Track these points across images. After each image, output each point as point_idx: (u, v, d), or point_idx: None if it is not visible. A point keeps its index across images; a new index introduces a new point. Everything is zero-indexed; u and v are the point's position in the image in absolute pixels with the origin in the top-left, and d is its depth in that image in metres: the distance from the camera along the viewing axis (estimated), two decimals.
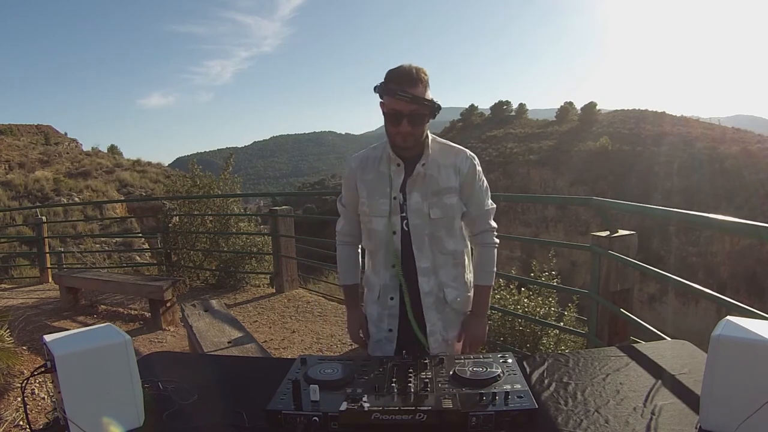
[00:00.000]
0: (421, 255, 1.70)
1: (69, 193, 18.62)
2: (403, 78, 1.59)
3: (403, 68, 1.61)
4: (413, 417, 1.12)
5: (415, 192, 1.69)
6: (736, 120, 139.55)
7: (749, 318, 1.21)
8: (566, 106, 52.30)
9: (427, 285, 1.72)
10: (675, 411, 1.21)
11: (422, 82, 1.60)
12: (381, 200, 1.70)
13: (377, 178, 1.72)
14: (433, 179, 1.69)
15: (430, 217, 1.68)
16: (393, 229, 1.70)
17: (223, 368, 1.61)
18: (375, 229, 1.72)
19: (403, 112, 1.59)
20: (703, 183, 33.35)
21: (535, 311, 4.53)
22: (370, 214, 1.73)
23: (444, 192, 1.70)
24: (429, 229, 1.69)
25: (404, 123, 1.60)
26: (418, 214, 1.69)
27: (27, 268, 9.56)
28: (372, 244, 1.76)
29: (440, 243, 1.71)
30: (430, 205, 1.68)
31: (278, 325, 5.09)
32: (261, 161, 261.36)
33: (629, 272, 2.99)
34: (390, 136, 1.67)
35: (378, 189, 1.71)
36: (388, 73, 1.63)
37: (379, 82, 1.65)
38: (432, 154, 1.70)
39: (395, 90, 1.58)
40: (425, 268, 1.71)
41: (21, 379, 3.39)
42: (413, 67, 1.61)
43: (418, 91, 1.59)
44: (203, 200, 7.72)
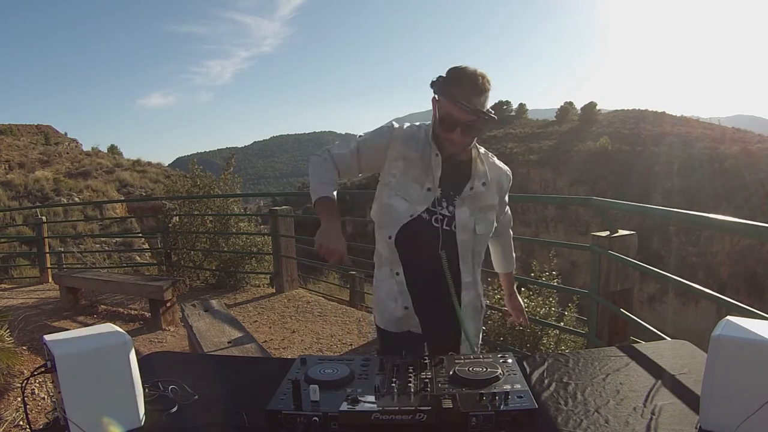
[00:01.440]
0: (465, 269, 1.68)
1: (69, 193, 18.63)
2: (469, 86, 1.50)
3: (468, 73, 1.51)
4: (413, 417, 1.12)
5: (465, 207, 1.65)
6: (736, 120, 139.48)
7: (749, 318, 1.21)
8: (566, 106, 52.34)
9: (467, 297, 1.71)
10: (675, 411, 1.21)
11: (486, 92, 1.53)
12: (413, 185, 1.62)
13: (420, 161, 1.62)
14: (482, 195, 1.67)
15: (476, 233, 1.66)
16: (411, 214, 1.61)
17: (223, 368, 1.61)
18: (394, 206, 1.63)
19: (460, 120, 1.52)
20: (703, 183, 33.36)
21: (536, 311, 4.53)
22: (394, 190, 1.63)
23: (488, 209, 1.69)
24: (473, 244, 1.67)
25: (457, 131, 1.54)
26: (466, 229, 1.65)
27: (27, 268, 9.56)
28: (380, 217, 1.68)
29: (479, 256, 1.72)
30: (477, 221, 1.66)
31: (278, 325, 5.10)
32: (261, 161, 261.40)
33: (629, 272, 2.99)
34: (438, 138, 1.60)
35: (415, 172, 1.62)
36: (452, 74, 1.53)
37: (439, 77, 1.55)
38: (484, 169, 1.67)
39: (457, 97, 1.49)
40: (468, 282, 1.70)
41: (21, 379, 3.39)
42: (479, 75, 1.52)
43: (480, 102, 1.51)
44: (203, 200, 7.72)
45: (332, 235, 1.50)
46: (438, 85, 1.54)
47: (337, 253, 1.47)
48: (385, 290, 1.72)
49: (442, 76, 1.55)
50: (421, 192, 1.62)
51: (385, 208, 1.67)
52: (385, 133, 1.66)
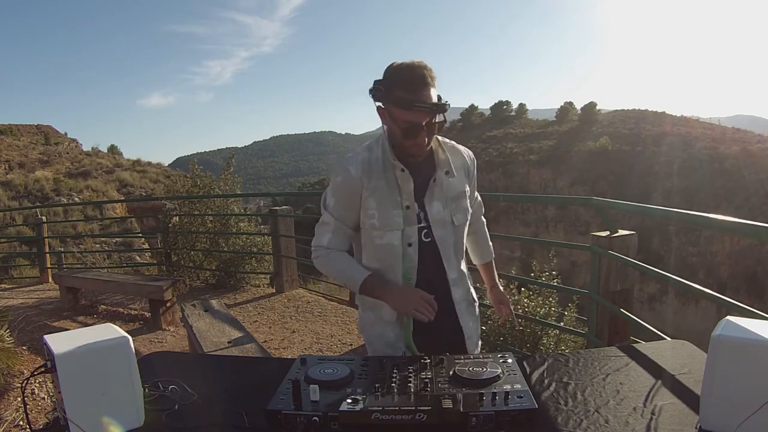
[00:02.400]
0: (450, 265, 1.59)
1: (69, 193, 18.63)
2: (418, 84, 1.40)
3: (413, 70, 1.41)
4: (413, 417, 1.12)
5: (435, 201, 1.55)
6: (736, 120, 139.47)
7: (749, 318, 1.21)
8: (566, 106, 52.35)
9: (458, 293, 1.63)
10: (675, 411, 1.21)
11: (433, 83, 1.43)
12: (394, 212, 1.51)
13: (387, 187, 1.51)
14: (450, 184, 1.57)
15: (454, 225, 1.58)
16: (408, 242, 1.53)
17: (223, 368, 1.61)
18: (388, 244, 1.53)
19: (421, 123, 1.42)
20: (703, 183, 33.36)
21: (535, 311, 4.53)
22: (381, 228, 1.52)
23: (461, 196, 1.60)
24: (454, 237, 1.59)
25: (422, 135, 1.45)
26: (442, 224, 1.56)
27: (27, 268, 9.57)
28: (382, 262, 1.56)
29: (460, 248, 1.63)
30: (452, 212, 1.57)
31: (278, 325, 5.10)
32: (261, 161, 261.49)
33: (629, 272, 2.99)
34: (404, 147, 1.49)
35: (389, 199, 1.51)
36: (393, 76, 1.43)
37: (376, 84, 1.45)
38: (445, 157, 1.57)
39: (411, 101, 1.39)
40: (455, 278, 1.61)
41: (21, 379, 3.39)
42: (421, 67, 1.42)
43: (433, 95, 1.42)
44: (203, 200, 7.72)
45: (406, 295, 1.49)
46: (382, 93, 1.44)
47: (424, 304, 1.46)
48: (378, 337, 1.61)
49: (379, 81, 1.45)
50: (404, 213, 1.52)
51: (380, 251, 1.55)
52: (347, 184, 1.52)
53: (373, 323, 1.63)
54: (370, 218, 1.53)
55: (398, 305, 1.50)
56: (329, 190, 1.60)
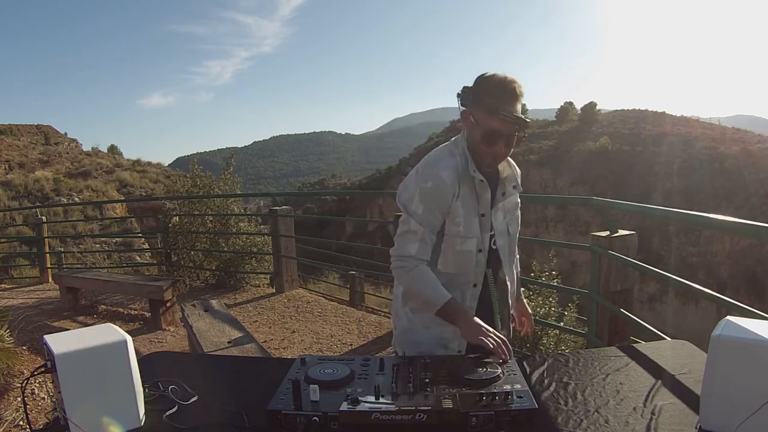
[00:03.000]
0: (507, 274, 1.68)
1: (69, 193, 18.63)
2: (508, 96, 1.44)
3: (506, 83, 1.45)
4: (413, 417, 1.12)
5: (498, 212, 1.63)
6: (736, 120, 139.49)
7: (749, 318, 1.21)
8: (566, 106, 52.32)
9: (511, 299, 1.74)
10: (675, 411, 1.21)
11: (521, 99, 1.48)
12: (474, 219, 1.56)
13: (470, 193, 1.55)
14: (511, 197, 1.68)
15: (509, 233, 1.66)
16: (479, 248, 1.58)
17: (223, 368, 1.61)
18: (467, 250, 1.56)
19: (502, 133, 1.47)
20: (703, 183, 33.35)
21: (536, 311, 4.53)
22: (464, 235, 1.54)
23: (515, 207, 1.70)
24: (509, 246, 1.68)
25: (500, 145, 1.49)
26: (502, 233, 1.64)
27: (27, 268, 9.56)
28: (457, 267, 1.57)
29: (513, 256, 1.73)
30: (509, 222, 1.66)
31: (278, 325, 5.09)
32: (261, 161, 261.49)
33: (629, 272, 2.99)
34: (479, 155, 1.53)
35: (472, 206, 1.56)
36: (486, 84, 1.46)
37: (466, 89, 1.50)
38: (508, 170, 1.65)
39: (497, 108, 1.43)
40: (510, 287, 1.71)
41: (21, 379, 3.39)
42: (514, 82, 1.45)
43: (519, 109, 1.47)
44: (203, 200, 7.72)
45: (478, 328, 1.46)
46: (470, 97, 1.48)
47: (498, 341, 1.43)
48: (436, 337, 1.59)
49: (469, 87, 1.49)
50: (480, 221, 1.57)
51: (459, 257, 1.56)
52: (440, 190, 1.50)
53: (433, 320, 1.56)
54: (457, 225, 1.54)
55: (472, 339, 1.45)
56: (416, 196, 1.53)
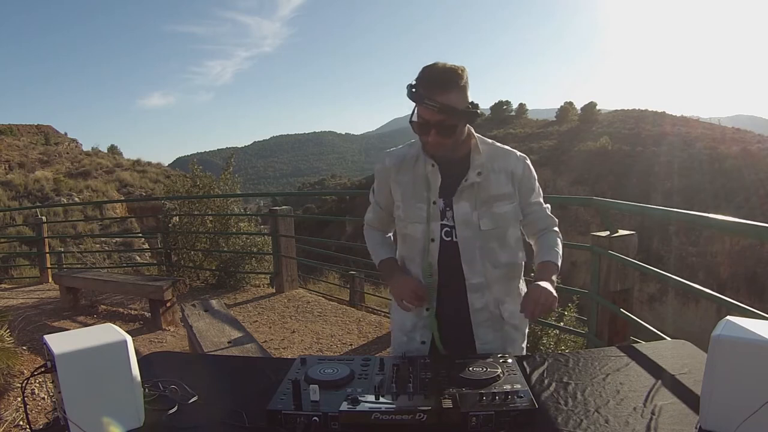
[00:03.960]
0: (471, 270, 1.55)
1: (69, 193, 18.63)
2: (434, 82, 1.41)
3: (435, 70, 1.43)
4: (413, 417, 1.12)
5: (463, 201, 1.54)
6: (736, 120, 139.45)
7: (749, 318, 1.21)
8: (566, 106, 52.33)
9: (480, 301, 1.57)
10: (675, 411, 1.21)
11: (457, 86, 1.42)
12: (418, 204, 1.55)
13: (413, 181, 1.57)
14: (483, 187, 1.54)
15: (480, 229, 1.53)
16: (431, 237, 1.55)
17: (223, 368, 1.61)
18: (411, 235, 1.58)
19: (430, 122, 1.43)
20: (703, 183, 33.35)
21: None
22: (405, 220, 1.58)
23: (495, 200, 1.55)
24: (480, 241, 1.54)
25: (432, 133, 1.45)
26: (467, 225, 1.54)
27: (27, 268, 9.57)
28: (407, 250, 1.62)
29: (493, 255, 1.56)
30: (480, 215, 1.53)
31: (278, 325, 5.09)
32: (261, 161, 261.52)
33: (629, 272, 2.99)
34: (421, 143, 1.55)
35: (415, 192, 1.56)
36: (420, 73, 1.45)
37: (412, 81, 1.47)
38: (482, 158, 1.55)
39: (423, 97, 1.41)
40: (477, 284, 1.56)
41: (21, 379, 3.39)
42: (447, 69, 1.42)
43: (451, 98, 1.41)
44: (203, 200, 7.72)
45: (399, 284, 1.57)
46: (409, 88, 1.47)
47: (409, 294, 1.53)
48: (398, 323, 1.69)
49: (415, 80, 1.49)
50: (429, 208, 1.55)
51: (406, 241, 1.62)
52: (380, 172, 1.66)
53: (396, 310, 1.68)
54: (397, 209, 1.63)
55: (393, 293, 1.60)
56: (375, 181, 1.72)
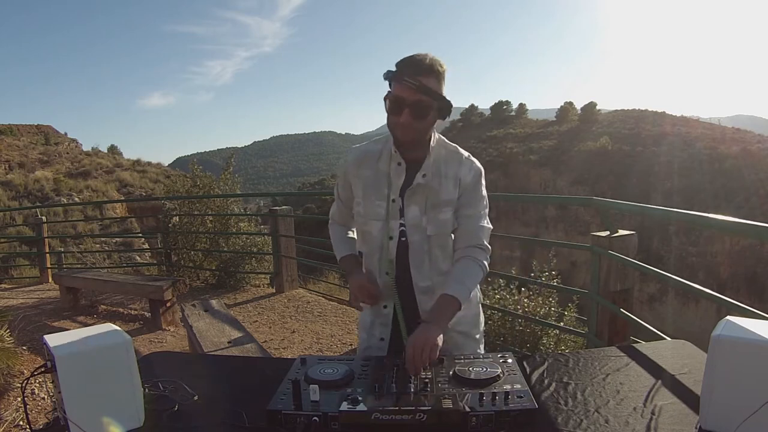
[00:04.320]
0: (419, 273, 1.56)
1: (69, 193, 18.63)
2: (414, 64, 1.43)
3: (419, 56, 1.45)
4: (413, 417, 1.12)
5: (413, 205, 1.53)
6: (736, 120, 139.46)
7: (749, 318, 1.21)
8: (566, 106, 52.33)
9: (428, 304, 1.54)
10: (675, 411, 1.21)
11: (435, 74, 1.44)
12: (377, 202, 1.54)
13: (374, 177, 1.56)
14: (433, 191, 1.52)
15: (427, 234, 1.53)
16: (390, 235, 1.54)
17: (223, 368, 1.61)
18: (370, 232, 1.58)
19: (406, 100, 1.42)
20: (703, 183, 33.36)
21: (535, 311, 4.53)
22: (365, 216, 1.57)
23: (442, 205, 1.53)
24: (427, 246, 1.54)
25: (405, 113, 1.43)
26: (416, 229, 1.53)
27: (27, 268, 9.57)
28: (367, 247, 1.62)
29: (436, 262, 1.56)
30: (428, 220, 1.52)
31: (278, 325, 5.09)
32: (261, 161, 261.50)
33: (629, 272, 2.99)
34: (390, 128, 1.51)
35: (375, 189, 1.55)
36: (402, 59, 1.46)
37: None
38: (436, 161, 1.53)
39: (402, 75, 1.42)
40: (424, 287, 1.56)
41: (21, 379, 3.39)
42: (428, 56, 1.44)
43: (429, 82, 1.42)
44: (203, 200, 7.72)
45: (354, 283, 1.59)
46: (387, 72, 1.47)
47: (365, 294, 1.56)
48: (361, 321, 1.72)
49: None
50: (389, 206, 1.53)
51: (365, 237, 1.62)
52: (342, 167, 1.66)
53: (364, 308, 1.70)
54: (357, 205, 1.61)
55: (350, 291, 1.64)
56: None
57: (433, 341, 1.31)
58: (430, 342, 1.31)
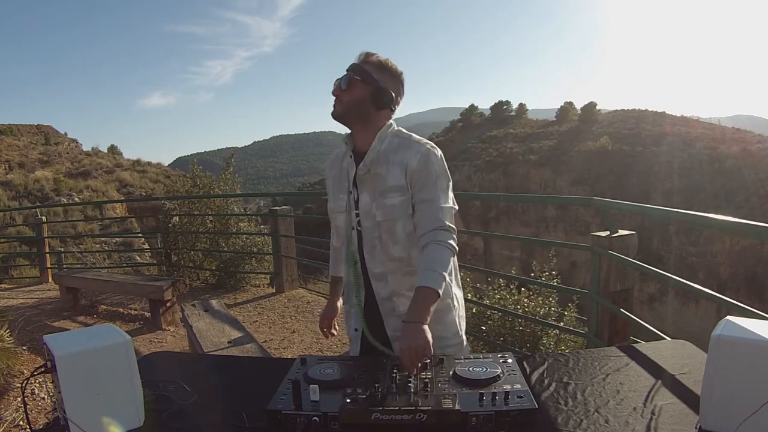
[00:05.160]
0: (372, 259, 1.60)
1: (69, 193, 18.62)
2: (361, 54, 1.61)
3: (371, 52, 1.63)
4: (413, 417, 1.12)
5: (365, 192, 1.59)
6: (736, 120, 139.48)
7: (749, 318, 1.21)
8: (566, 106, 52.30)
9: (384, 291, 1.60)
10: (675, 411, 1.21)
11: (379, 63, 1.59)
12: (341, 195, 1.65)
13: (339, 174, 1.68)
14: (380, 178, 1.56)
15: (377, 220, 1.57)
16: (351, 225, 1.63)
17: (223, 368, 1.61)
18: (338, 225, 1.68)
19: (340, 78, 1.59)
20: (703, 183, 33.36)
21: (535, 311, 4.53)
22: (333, 211, 1.70)
23: (389, 191, 1.55)
24: (377, 232, 1.58)
25: (336, 86, 1.59)
26: (367, 215, 1.59)
27: (27, 268, 9.57)
28: (338, 239, 1.73)
29: (387, 248, 1.58)
30: (377, 206, 1.57)
31: (278, 325, 5.09)
32: (261, 161, 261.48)
33: (629, 272, 2.99)
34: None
35: (339, 184, 1.67)
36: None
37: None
38: (383, 149, 1.57)
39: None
40: (378, 273, 1.60)
41: (21, 379, 3.39)
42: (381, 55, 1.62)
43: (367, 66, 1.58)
44: (203, 200, 7.72)
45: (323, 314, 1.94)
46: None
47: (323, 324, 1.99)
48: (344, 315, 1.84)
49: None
50: (348, 198, 1.64)
51: (337, 231, 1.72)
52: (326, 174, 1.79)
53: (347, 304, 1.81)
54: (329, 201, 1.73)
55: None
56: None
57: (421, 342, 1.30)
58: (419, 343, 1.30)
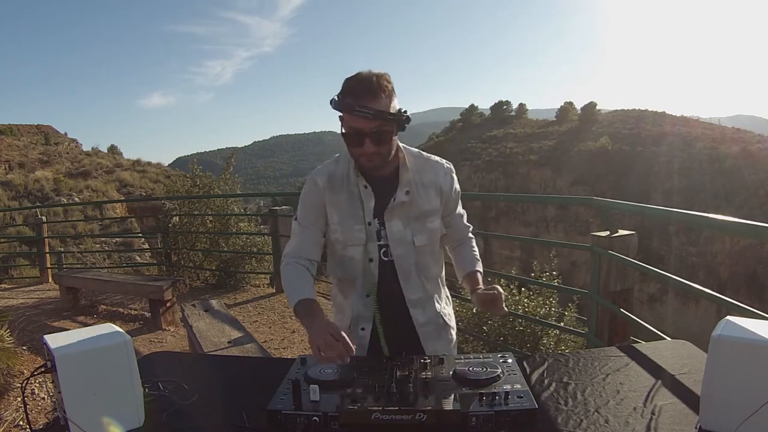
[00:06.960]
0: (409, 286, 1.55)
1: (69, 193, 18.63)
2: (362, 90, 1.36)
3: (360, 78, 1.39)
4: (413, 417, 1.12)
5: (395, 219, 1.51)
6: (736, 120, 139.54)
7: (749, 318, 1.21)
8: (566, 106, 52.32)
9: (423, 316, 1.57)
10: (675, 411, 1.21)
11: (385, 92, 1.38)
12: (356, 227, 1.52)
13: (349, 200, 1.53)
14: (414, 204, 1.51)
15: (415, 245, 1.52)
16: (369, 257, 1.53)
17: (223, 368, 1.61)
18: (351, 257, 1.55)
19: (364, 130, 1.38)
20: (703, 183, 33.37)
21: (536, 311, 4.53)
22: (344, 242, 1.54)
23: (426, 215, 1.53)
24: (415, 257, 1.54)
25: (367, 143, 1.39)
26: (401, 242, 1.52)
27: (27, 268, 9.58)
28: (346, 272, 1.58)
29: (426, 270, 1.57)
30: (414, 232, 1.52)
31: (278, 325, 5.09)
32: (261, 161, 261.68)
33: (629, 272, 2.99)
34: (353, 157, 1.48)
35: (351, 213, 1.52)
36: (344, 84, 1.40)
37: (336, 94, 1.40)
38: (410, 174, 1.52)
39: (353, 106, 1.36)
40: (416, 300, 1.56)
41: (21, 379, 3.39)
42: (373, 75, 1.39)
43: (381, 104, 1.37)
44: (203, 200, 7.73)
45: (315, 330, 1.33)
46: (335, 101, 1.40)
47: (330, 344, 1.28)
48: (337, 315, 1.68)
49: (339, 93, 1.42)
50: (366, 229, 1.52)
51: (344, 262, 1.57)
52: (312, 194, 1.56)
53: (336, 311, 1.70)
54: (334, 232, 1.56)
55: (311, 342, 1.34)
56: (299, 201, 1.60)
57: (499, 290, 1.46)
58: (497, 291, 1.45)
